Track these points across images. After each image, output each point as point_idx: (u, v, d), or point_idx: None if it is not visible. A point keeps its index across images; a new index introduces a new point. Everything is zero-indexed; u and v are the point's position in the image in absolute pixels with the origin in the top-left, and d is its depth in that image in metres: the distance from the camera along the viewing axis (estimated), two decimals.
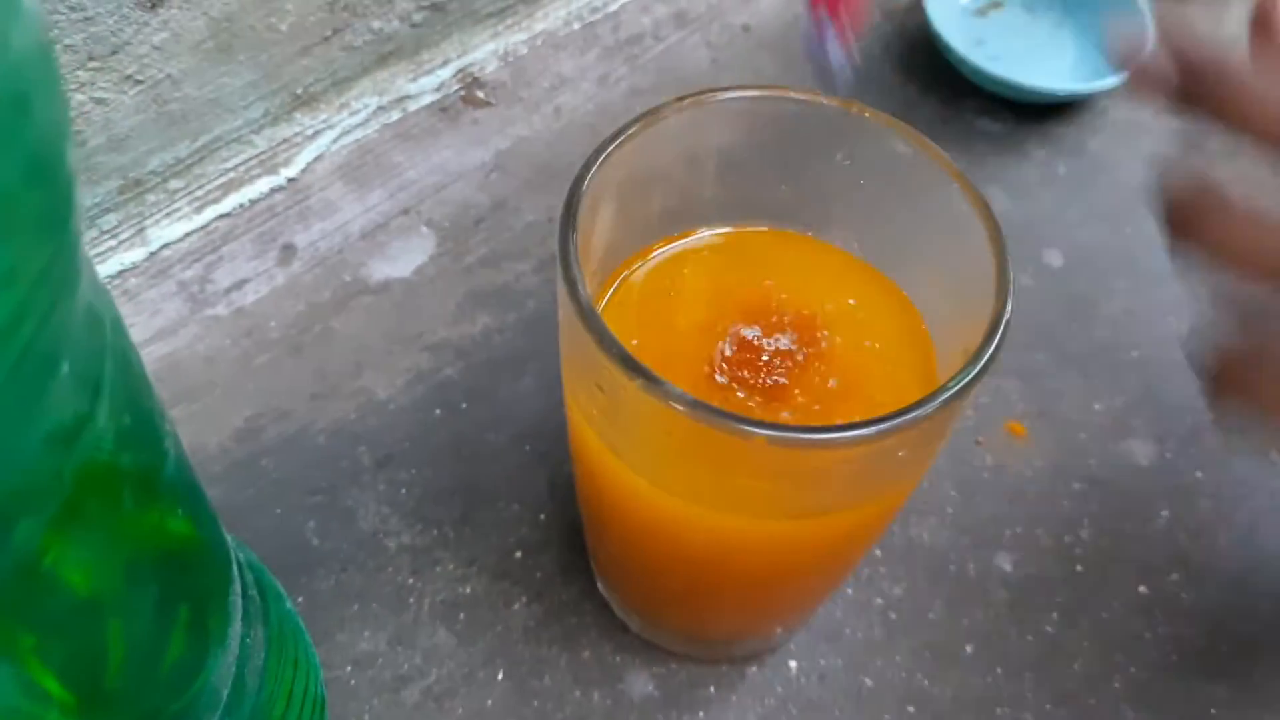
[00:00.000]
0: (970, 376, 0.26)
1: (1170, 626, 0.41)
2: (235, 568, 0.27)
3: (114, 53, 0.40)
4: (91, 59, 0.39)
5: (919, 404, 0.26)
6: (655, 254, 0.34)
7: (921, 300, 0.33)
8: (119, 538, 0.21)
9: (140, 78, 0.41)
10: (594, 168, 0.28)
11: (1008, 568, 0.43)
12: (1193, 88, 0.27)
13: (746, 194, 0.34)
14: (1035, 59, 0.59)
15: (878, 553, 0.43)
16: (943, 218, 0.30)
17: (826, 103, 0.31)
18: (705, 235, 0.35)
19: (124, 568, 0.21)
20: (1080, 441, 0.46)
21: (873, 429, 0.25)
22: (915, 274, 0.33)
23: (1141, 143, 0.57)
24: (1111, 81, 0.55)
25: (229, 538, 0.29)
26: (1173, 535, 0.44)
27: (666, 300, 0.33)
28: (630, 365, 0.25)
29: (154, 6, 0.39)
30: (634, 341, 0.31)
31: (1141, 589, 0.42)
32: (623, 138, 0.29)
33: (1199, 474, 0.45)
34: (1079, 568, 0.43)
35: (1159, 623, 0.41)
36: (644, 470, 0.29)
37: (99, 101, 0.40)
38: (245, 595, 0.27)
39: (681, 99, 0.30)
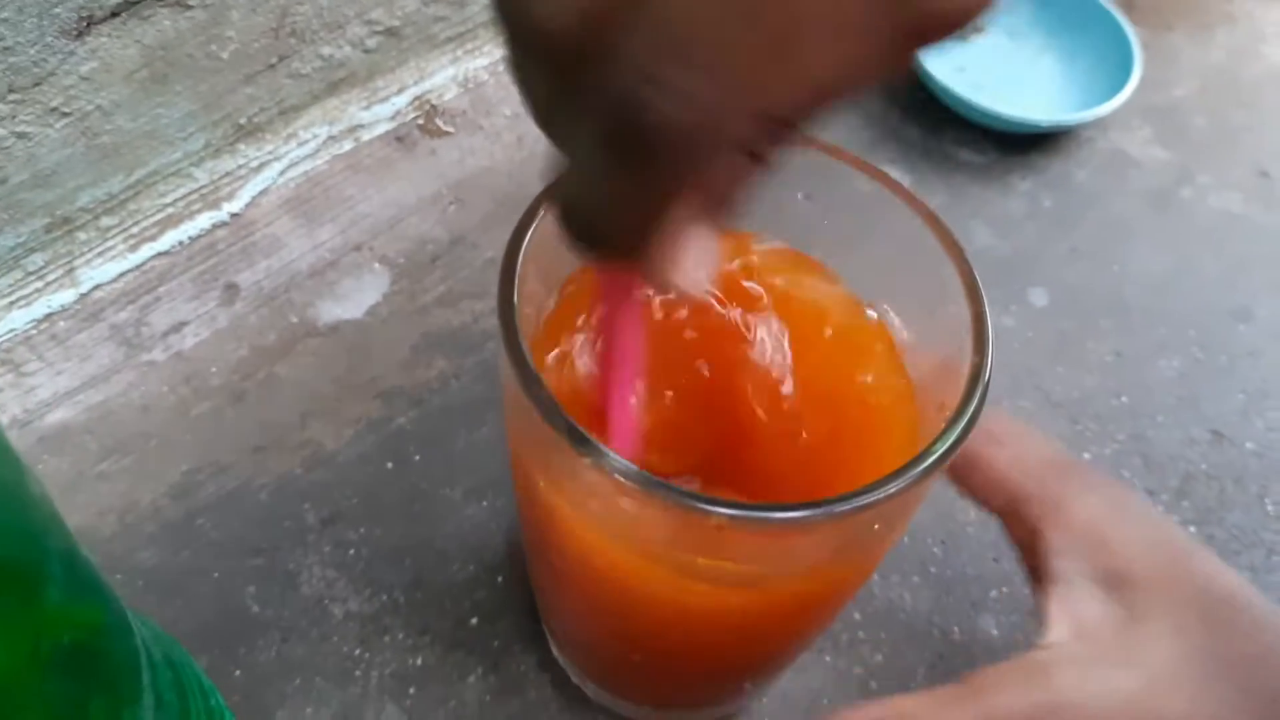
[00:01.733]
0: (950, 442, 0.24)
1: None
2: (146, 671, 0.24)
3: (37, 84, 0.37)
4: (12, 91, 0.36)
5: (895, 476, 0.23)
6: None
7: (902, 339, 0.31)
8: None
9: (67, 110, 0.38)
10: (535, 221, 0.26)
11: (994, 631, 0.40)
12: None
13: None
14: (1018, 87, 0.57)
15: (856, 615, 0.40)
16: (916, 260, 0.28)
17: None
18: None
19: None
20: None
21: (844, 506, 0.23)
22: (894, 307, 0.31)
23: (1129, 175, 0.55)
24: (1097, 112, 0.53)
25: (142, 629, 0.26)
26: None
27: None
28: (577, 439, 0.23)
29: (80, 35, 0.36)
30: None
31: None
32: None
33: (1192, 529, 0.43)
34: None
35: None
36: (597, 527, 0.26)
37: (21, 136, 0.37)
38: (160, 703, 0.24)
39: None
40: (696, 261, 0.20)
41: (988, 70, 0.57)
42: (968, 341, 0.26)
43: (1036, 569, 0.30)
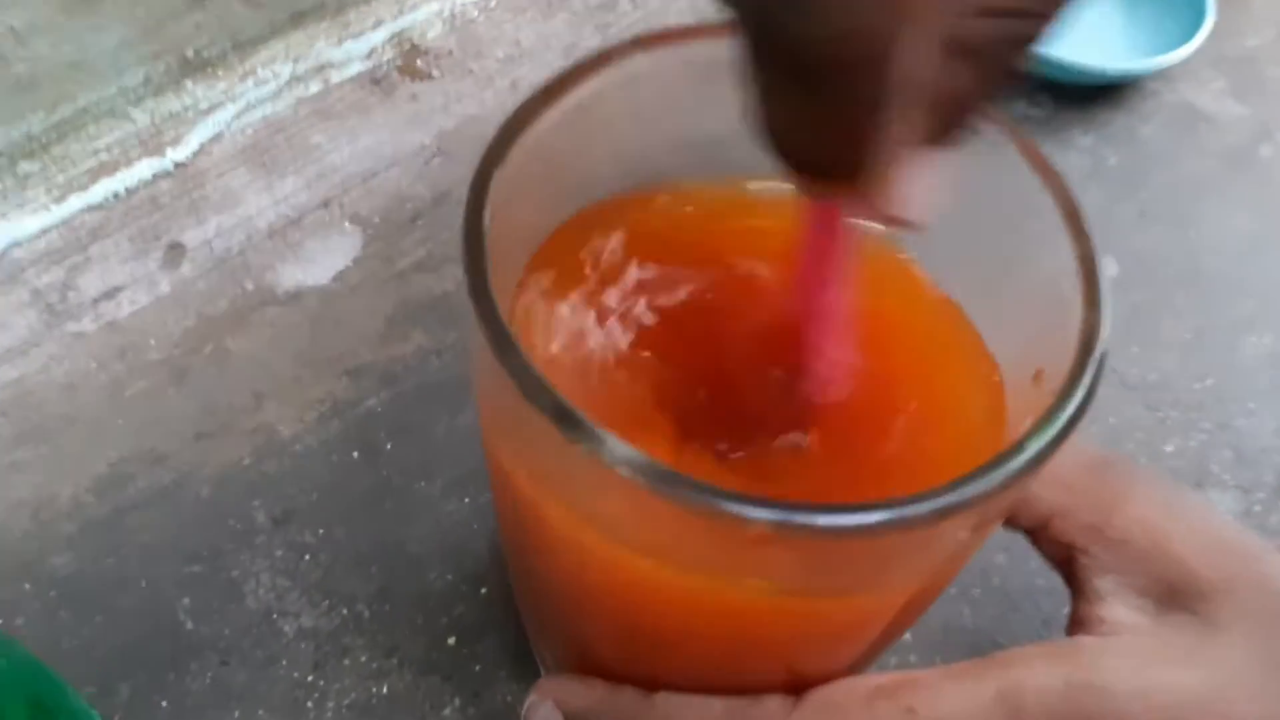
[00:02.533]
0: (1063, 422, 0.18)
1: None
2: None
3: None
4: None
5: (994, 464, 0.17)
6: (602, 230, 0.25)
7: (975, 305, 0.24)
8: None
9: None
10: (514, 140, 0.19)
11: None
12: None
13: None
14: (1078, 34, 0.50)
15: (907, 636, 0.34)
16: (998, 195, 0.22)
17: None
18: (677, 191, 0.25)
19: None
20: None
21: (927, 506, 0.17)
22: (964, 268, 0.25)
23: (1201, 131, 0.49)
24: (1167, 60, 0.47)
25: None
26: None
27: (619, 291, 0.24)
28: (566, 421, 0.16)
29: None
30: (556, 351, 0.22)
31: None
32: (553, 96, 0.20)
33: None
34: None
35: None
36: (595, 535, 0.20)
37: None
38: None
39: (640, 40, 0.21)
40: (923, 186, 0.17)
41: None
42: (1074, 293, 0.20)
43: (1077, 588, 0.26)
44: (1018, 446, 0.18)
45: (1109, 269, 0.43)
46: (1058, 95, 0.49)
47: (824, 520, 0.17)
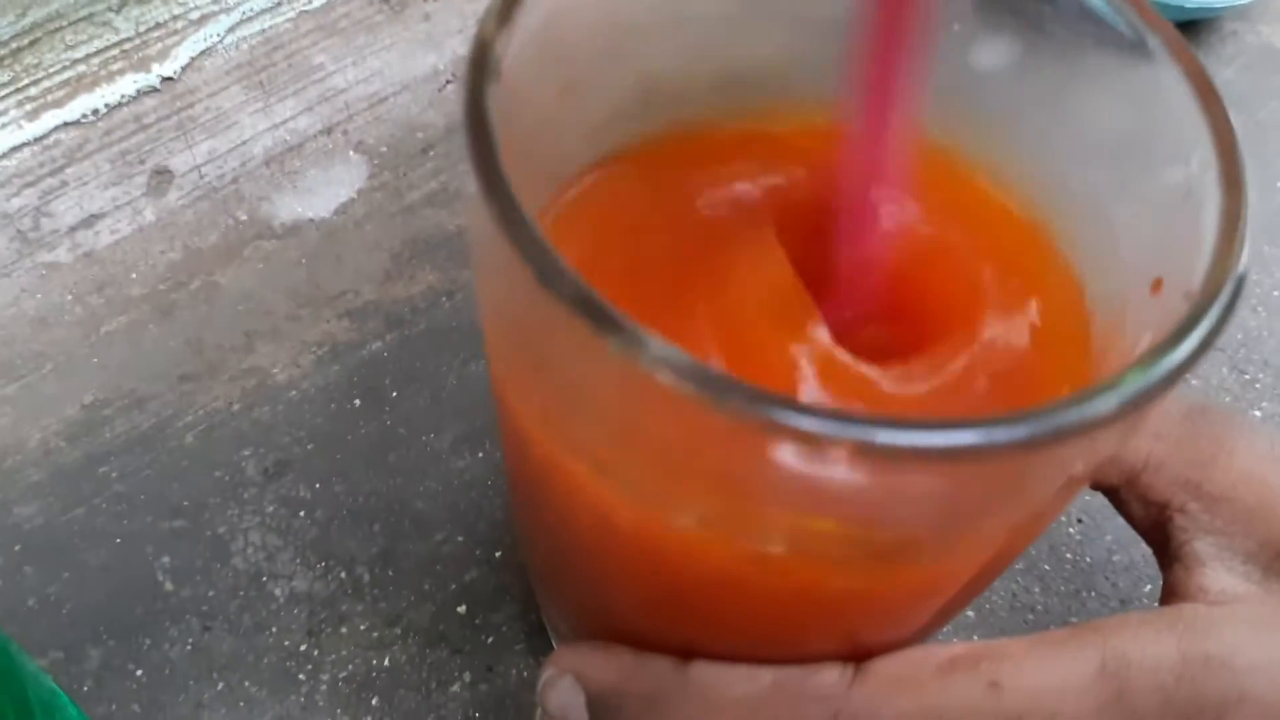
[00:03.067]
0: (1202, 333, 0.15)
1: None
2: None
3: None
4: None
5: (1136, 372, 0.14)
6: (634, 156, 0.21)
7: (1062, 206, 0.21)
8: None
9: None
10: None
11: None
12: None
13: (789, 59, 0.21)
14: None
15: (970, 613, 0.31)
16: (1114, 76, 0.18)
17: None
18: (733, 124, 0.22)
19: None
20: None
21: (1037, 426, 0.13)
22: (1071, 166, 0.21)
23: None
24: None
25: None
26: None
27: (651, 231, 0.20)
28: (595, 313, 0.13)
29: None
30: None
31: None
32: None
33: None
34: None
35: None
36: (622, 473, 0.16)
37: None
38: None
39: None
40: None
41: None
42: (1211, 186, 0.17)
43: (1171, 554, 0.23)
44: (1145, 360, 0.14)
45: None
46: None
47: (931, 439, 0.13)
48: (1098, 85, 0.19)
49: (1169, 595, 0.23)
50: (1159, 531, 0.23)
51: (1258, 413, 0.35)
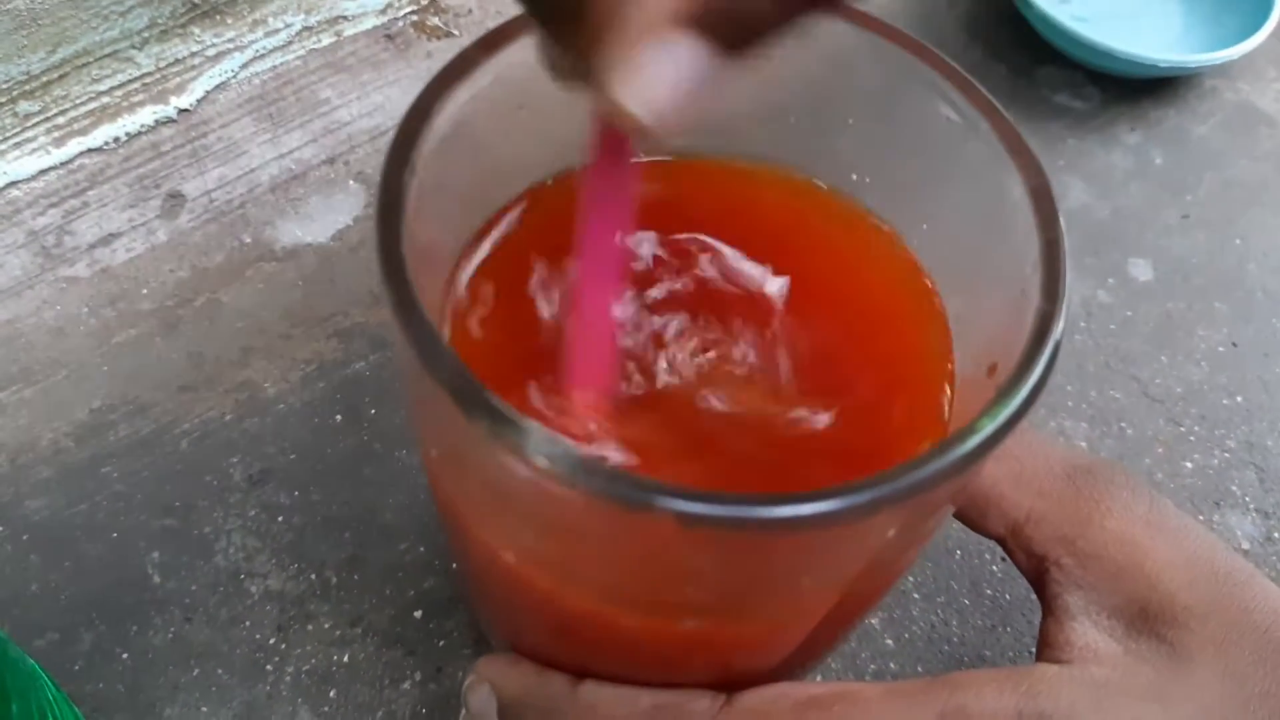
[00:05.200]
0: (1003, 418, 0.17)
1: None
2: None
3: None
4: None
5: (921, 462, 0.16)
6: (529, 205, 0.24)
7: (948, 292, 0.23)
8: None
9: None
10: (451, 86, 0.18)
11: None
12: None
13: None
14: (1131, 22, 0.48)
15: (889, 641, 0.33)
16: (962, 165, 0.20)
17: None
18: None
19: None
20: None
21: (849, 499, 0.16)
22: (941, 253, 0.23)
23: (1259, 134, 0.46)
24: (1226, 55, 0.44)
25: None
26: None
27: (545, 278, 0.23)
28: (466, 397, 0.16)
29: None
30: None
31: None
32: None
33: None
34: None
35: None
36: (493, 520, 0.19)
37: None
38: None
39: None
40: (665, 80, 0.14)
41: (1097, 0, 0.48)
42: (1035, 281, 0.19)
43: (1046, 604, 0.25)
44: (951, 440, 0.16)
45: (1141, 273, 0.41)
46: (1106, 87, 0.47)
47: (743, 512, 0.15)
48: (958, 189, 0.21)
49: (1041, 644, 0.25)
50: (1039, 581, 0.25)
51: (1188, 464, 0.37)
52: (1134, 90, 0.47)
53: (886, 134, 0.22)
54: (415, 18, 0.42)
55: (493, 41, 0.20)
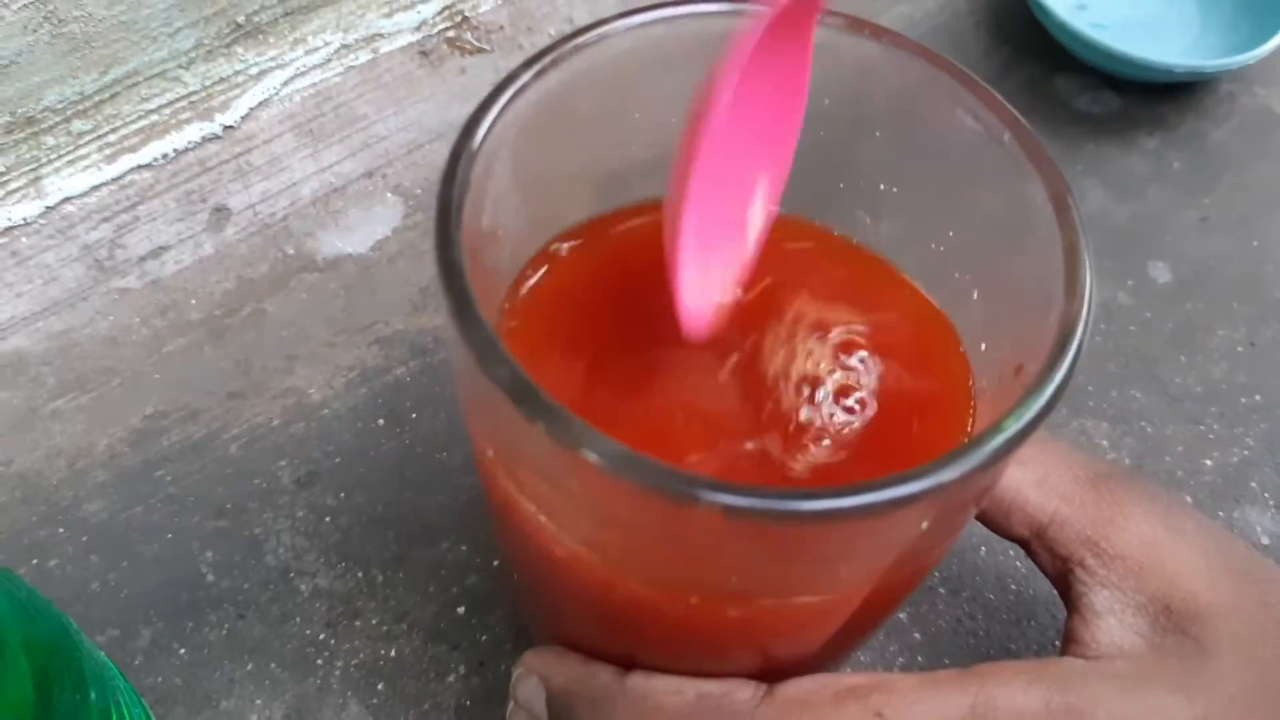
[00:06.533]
0: (1029, 416, 0.18)
1: None
2: None
3: None
4: None
5: (951, 458, 0.17)
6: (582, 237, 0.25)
7: (953, 302, 0.24)
8: None
9: None
10: (495, 108, 0.20)
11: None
12: None
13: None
14: (1150, 28, 0.49)
15: (916, 635, 0.34)
16: (984, 173, 0.22)
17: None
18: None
19: None
20: None
21: (883, 493, 0.17)
22: (945, 263, 0.24)
23: (1275, 137, 0.47)
24: (1243, 59, 0.45)
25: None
26: None
27: (599, 303, 0.24)
28: (521, 393, 0.17)
29: None
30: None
31: None
32: (529, 75, 0.21)
33: None
34: None
35: None
36: (556, 517, 0.20)
37: None
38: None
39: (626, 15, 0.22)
40: None
41: (1115, 6, 0.49)
42: (1058, 284, 0.20)
43: (1071, 604, 0.26)
44: (980, 437, 0.18)
45: (1161, 275, 0.42)
46: (1124, 92, 0.48)
47: (783, 505, 0.16)
48: (981, 197, 0.22)
49: (1066, 641, 0.26)
50: (1063, 582, 0.26)
51: (1208, 462, 0.38)
52: (1152, 95, 0.48)
53: (911, 146, 0.23)
54: (449, 34, 0.44)
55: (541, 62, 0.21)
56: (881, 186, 0.25)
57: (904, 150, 0.24)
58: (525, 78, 0.21)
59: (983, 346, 0.23)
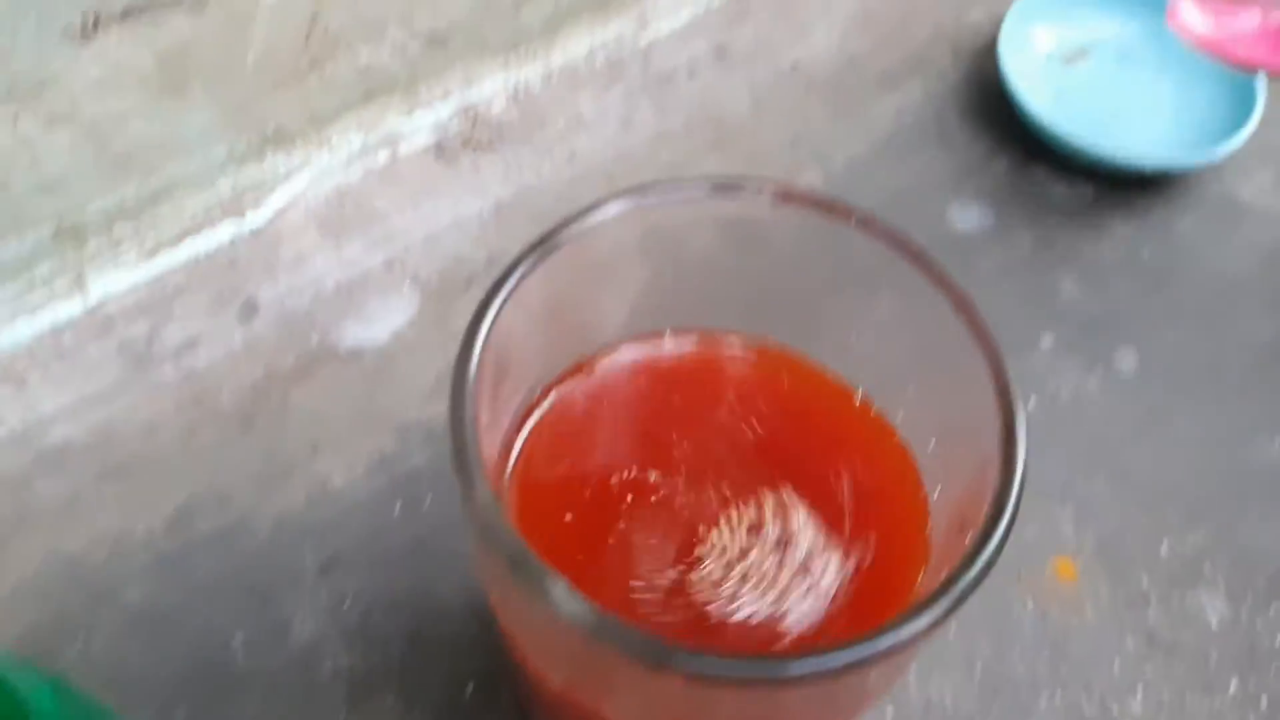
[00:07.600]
0: (965, 583, 0.20)
1: None
2: None
3: (40, 89, 0.34)
4: (12, 96, 0.34)
5: (891, 626, 0.20)
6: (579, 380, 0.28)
7: (925, 458, 0.27)
8: None
9: (74, 116, 0.36)
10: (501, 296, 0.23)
11: None
12: None
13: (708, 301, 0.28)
14: (1123, 121, 0.51)
15: (889, 709, 0.37)
16: (941, 353, 0.24)
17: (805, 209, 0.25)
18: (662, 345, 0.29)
19: None
20: (1140, 589, 0.39)
21: (832, 660, 0.19)
22: (913, 416, 0.27)
23: (1242, 227, 0.50)
24: (1212, 155, 0.48)
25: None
26: (1242, 713, 0.37)
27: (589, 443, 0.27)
28: (517, 560, 0.20)
29: (86, 38, 0.34)
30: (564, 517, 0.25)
31: None
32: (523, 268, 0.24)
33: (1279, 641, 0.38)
34: None
35: None
36: (557, 676, 0.23)
37: (24, 142, 0.35)
38: None
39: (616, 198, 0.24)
40: None
41: (1090, 100, 0.52)
42: (994, 465, 0.22)
43: None
44: (914, 610, 0.20)
45: (1127, 363, 0.45)
46: (1099, 181, 0.50)
47: (737, 670, 0.19)
48: (933, 366, 0.25)
49: None
50: None
51: (1163, 549, 0.40)
52: (1125, 183, 0.51)
53: (868, 324, 0.26)
54: (464, 134, 0.46)
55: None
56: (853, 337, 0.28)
57: (863, 327, 0.27)
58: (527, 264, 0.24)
59: (936, 498, 0.26)
